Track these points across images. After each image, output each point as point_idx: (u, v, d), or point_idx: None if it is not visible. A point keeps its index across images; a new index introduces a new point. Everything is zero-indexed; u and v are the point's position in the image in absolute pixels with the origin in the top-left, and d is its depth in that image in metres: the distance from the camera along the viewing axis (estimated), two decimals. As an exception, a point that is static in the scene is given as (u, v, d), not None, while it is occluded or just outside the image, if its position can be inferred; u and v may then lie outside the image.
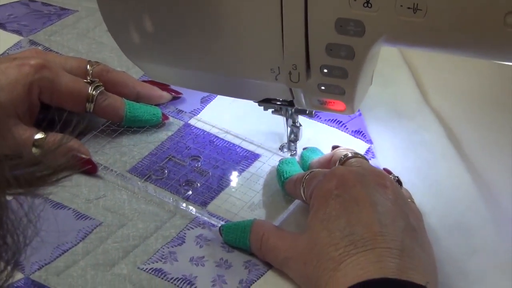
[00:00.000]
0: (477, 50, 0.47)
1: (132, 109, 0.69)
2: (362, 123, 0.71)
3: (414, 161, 0.68)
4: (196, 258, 0.59)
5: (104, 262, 0.58)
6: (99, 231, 0.61)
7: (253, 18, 0.50)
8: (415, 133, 0.70)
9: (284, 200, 0.63)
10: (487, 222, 0.61)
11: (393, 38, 0.48)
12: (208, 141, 0.69)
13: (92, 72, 0.69)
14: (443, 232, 0.61)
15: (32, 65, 0.65)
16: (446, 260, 0.58)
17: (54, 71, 0.66)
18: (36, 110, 0.66)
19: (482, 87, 0.75)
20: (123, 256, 0.59)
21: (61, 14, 0.86)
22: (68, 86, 0.66)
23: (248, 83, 0.57)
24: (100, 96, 0.68)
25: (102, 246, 0.60)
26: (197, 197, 0.64)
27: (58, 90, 0.66)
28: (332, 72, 0.52)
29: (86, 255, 0.59)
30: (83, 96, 0.67)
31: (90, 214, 0.62)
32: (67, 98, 0.67)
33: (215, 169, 0.66)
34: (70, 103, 0.67)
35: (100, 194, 0.64)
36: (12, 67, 0.64)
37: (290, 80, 0.52)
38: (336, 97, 0.55)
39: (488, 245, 0.60)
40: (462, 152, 0.68)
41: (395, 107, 0.73)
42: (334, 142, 0.69)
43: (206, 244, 0.60)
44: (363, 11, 0.46)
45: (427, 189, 0.65)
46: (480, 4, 0.43)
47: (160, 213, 0.62)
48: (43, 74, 0.65)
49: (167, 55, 0.58)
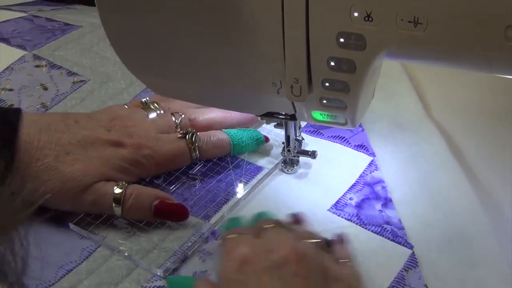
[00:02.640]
0: (478, 64, 0.47)
1: (236, 137, 0.69)
2: (364, 138, 0.71)
3: (416, 173, 0.68)
4: (200, 272, 0.59)
5: (108, 281, 0.58)
6: (102, 249, 0.61)
7: (255, 32, 0.50)
8: (417, 145, 0.70)
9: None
10: (488, 233, 0.61)
11: (394, 51, 0.48)
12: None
13: (180, 124, 0.68)
14: (444, 242, 0.61)
15: (130, 145, 0.63)
16: (447, 270, 0.58)
17: (151, 145, 0.65)
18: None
19: (483, 99, 0.76)
20: (127, 274, 0.59)
21: (65, 30, 0.86)
22: (170, 152, 0.66)
23: (251, 97, 0.57)
24: (200, 143, 0.67)
25: (105, 265, 0.59)
26: (199, 211, 0.64)
27: (162, 160, 0.65)
28: (334, 86, 0.51)
29: (90, 275, 0.58)
30: (186, 153, 0.66)
31: (93, 232, 0.62)
32: (172, 163, 0.66)
33: (219, 182, 0.67)
34: (177, 164, 0.67)
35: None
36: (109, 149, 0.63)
37: (292, 94, 0.52)
38: (338, 111, 0.55)
39: (489, 255, 0.60)
40: (463, 164, 0.68)
41: (397, 120, 0.73)
42: (338, 157, 0.69)
43: (209, 258, 0.60)
44: (364, 25, 0.46)
45: (429, 200, 0.65)
46: (481, 17, 0.43)
47: (161, 227, 0.62)
48: (143, 152, 0.64)
49: (169, 69, 0.57)
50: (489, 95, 0.76)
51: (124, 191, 0.61)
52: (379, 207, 0.64)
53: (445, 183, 0.66)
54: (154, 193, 0.62)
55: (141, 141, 0.64)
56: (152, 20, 0.53)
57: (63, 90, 0.77)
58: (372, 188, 0.66)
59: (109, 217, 0.63)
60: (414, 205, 0.65)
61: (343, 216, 0.63)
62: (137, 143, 0.64)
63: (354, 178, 0.67)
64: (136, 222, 0.63)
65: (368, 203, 0.65)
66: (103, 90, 0.77)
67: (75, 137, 0.61)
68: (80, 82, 0.78)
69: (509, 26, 0.42)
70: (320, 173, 0.68)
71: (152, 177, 0.66)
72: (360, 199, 0.65)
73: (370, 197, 0.66)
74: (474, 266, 0.59)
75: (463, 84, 0.76)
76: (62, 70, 0.80)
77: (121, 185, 0.61)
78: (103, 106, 0.74)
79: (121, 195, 0.61)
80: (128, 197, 0.61)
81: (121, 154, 0.63)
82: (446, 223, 0.63)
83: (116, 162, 0.62)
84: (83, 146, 0.61)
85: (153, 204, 0.61)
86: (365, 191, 0.66)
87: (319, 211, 0.64)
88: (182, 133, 0.66)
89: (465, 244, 0.61)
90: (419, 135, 0.71)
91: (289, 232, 0.53)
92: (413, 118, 0.73)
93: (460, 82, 0.77)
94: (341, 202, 0.65)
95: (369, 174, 0.68)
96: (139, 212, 0.62)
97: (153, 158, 0.64)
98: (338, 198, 0.65)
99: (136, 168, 0.64)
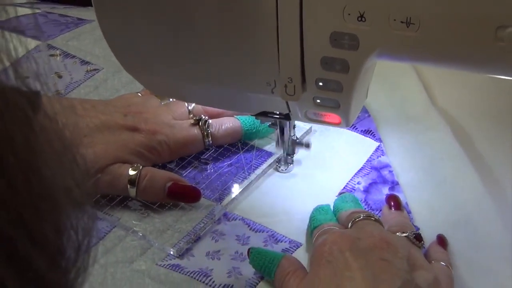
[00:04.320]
0: (469, 64, 0.47)
1: (248, 123, 0.70)
2: (371, 124, 0.72)
3: (422, 160, 0.69)
4: (212, 252, 0.60)
5: (123, 259, 0.60)
6: (117, 230, 0.62)
7: (249, 32, 0.50)
8: (422, 134, 0.72)
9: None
10: (492, 218, 0.63)
11: (387, 51, 0.48)
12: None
13: (193, 110, 0.69)
14: (449, 227, 0.62)
15: (145, 130, 0.65)
16: (452, 253, 0.60)
17: (165, 131, 0.66)
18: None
19: (489, 87, 0.77)
20: (141, 253, 0.60)
21: (78, 23, 0.88)
22: (184, 139, 0.67)
23: (245, 96, 0.57)
24: (213, 129, 0.68)
25: (120, 244, 0.61)
26: (211, 194, 0.66)
27: (175, 146, 0.67)
28: (327, 85, 0.51)
29: (105, 254, 0.60)
30: (199, 140, 0.68)
31: (108, 213, 0.64)
32: (185, 149, 0.68)
33: (230, 166, 0.68)
34: (190, 151, 0.69)
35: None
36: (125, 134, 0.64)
37: (286, 93, 0.52)
38: (332, 110, 0.55)
39: (494, 239, 0.61)
40: (468, 151, 0.69)
41: (403, 109, 0.75)
42: (345, 142, 0.71)
43: (222, 238, 0.62)
44: (357, 25, 0.46)
45: (435, 187, 0.67)
46: (472, 18, 0.43)
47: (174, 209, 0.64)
48: (158, 138, 0.66)
49: (164, 69, 0.57)
50: (495, 81, 0.77)
51: (138, 173, 0.62)
52: (386, 191, 0.66)
53: (450, 170, 0.68)
54: (167, 175, 0.64)
55: (156, 127, 0.66)
56: (150, 20, 0.53)
57: (77, 78, 0.79)
58: (379, 172, 0.68)
59: (123, 199, 0.64)
60: (420, 190, 0.66)
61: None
62: (152, 129, 0.65)
63: (361, 162, 0.69)
64: (150, 204, 0.64)
65: (375, 187, 0.67)
66: (116, 78, 0.79)
67: (92, 121, 0.63)
68: (93, 70, 0.80)
69: (500, 27, 0.42)
70: (328, 158, 0.70)
71: (165, 162, 0.68)
72: (368, 183, 0.67)
73: (377, 181, 0.67)
74: (479, 250, 0.60)
75: (468, 73, 0.77)
76: (76, 59, 0.82)
77: (135, 167, 0.63)
78: (116, 94, 0.75)
79: (135, 176, 0.62)
80: (142, 179, 0.62)
81: (136, 139, 0.64)
82: (451, 209, 0.64)
83: (131, 146, 0.64)
84: (100, 129, 0.63)
85: (167, 186, 0.63)
86: (372, 175, 0.68)
87: (328, 197, 0.65)
88: (195, 120, 0.68)
89: (470, 229, 0.62)
90: (425, 124, 0.73)
91: (378, 223, 0.57)
92: (418, 108, 0.75)
93: (465, 72, 0.78)
94: (349, 187, 0.67)
95: (376, 158, 0.69)
96: (153, 193, 0.63)
97: (167, 144, 0.66)
98: (346, 182, 0.67)
99: (151, 153, 0.65)
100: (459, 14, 0.43)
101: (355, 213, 0.59)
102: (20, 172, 0.25)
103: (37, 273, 0.25)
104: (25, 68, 0.27)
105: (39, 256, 0.25)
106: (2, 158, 0.24)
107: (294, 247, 0.61)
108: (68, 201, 0.27)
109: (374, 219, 0.58)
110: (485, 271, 0.59)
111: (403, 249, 0.53)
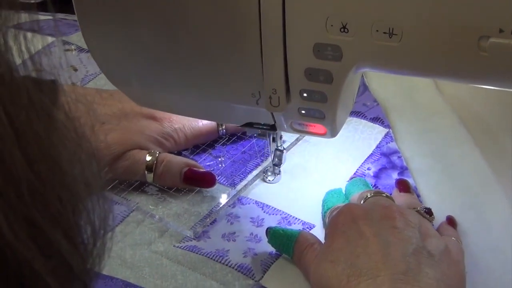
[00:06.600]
0: (452, 74, 0.47)
1: None
2: (379, 111, 0.74)
3: (429, 146, 0.71)
4: (228, 234, 0.62)
5: (141, 242, 0.62)
6: (135, 214, 0.64)
7: (233, 44, 0.50)
8: (430, 121, 0.74)
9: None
10: (499, 199, 0.65)
11: (370, 62, 0.48)
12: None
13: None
14: (457, 210, 0.64)
15: (162, 118, 0.67)
16: (461, 233, 0.61)
17: (182, 120, 0.68)
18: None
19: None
20: (159, 236, 0.62)
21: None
22: (199, 128, 0.69)
23: (231, 107, 0.57)
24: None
25: (139, 228, 0.63)
26: (225, 180, 0.68)
27: (191, 135, 0.69)
28: (312, 96, 0.51)
29: (125, 237, 0.62)
30: (214, 129, 0.70)
31: (126, 198, 0.66)
32: (200, 137, 0.70)
33: (243, 154, 0.70)
34: (204, 139, 0.71)
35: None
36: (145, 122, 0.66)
37: (271, 105, 0.51)
38: (317, 121, 0.54)
39: (501, 220, 0.63)
40: (475, 136, 0.71)
41: (410, 97, 0.77)
42: (355, 129, 0.73)
43: (237, 221, 0.63)
44: (340, 36, 0.46)
45: (443, 172, 0.68)
46: (454, 28, 0.43)
47: (190, 193, 0.66)
48: (175, 126, 0.68)
49: (149, 81, 0.57)
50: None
51: (155, 159, 0.64)
52: (395, 176, 0.68)
53: (458, 155, 0.70)
54: (183, 161, 0.66)
55: (172, 116, 0.68)
56: (133, 32, 0.53)
57: (92, 71, 0.81)
58: (388, 158, 0.70)
59: (140, 184, 0.66)
60: (428, 175, 0.68)
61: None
62: (169, 117, 0.68)
63: (371, 149, 0.71)
64: (166, 189, 0.66)
65: (385, 172, 0.69)
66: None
67: (110, 109, 0.65)
68: (108, 64, 0.82)
69: (482, 37, 0.42)
70: (338, 145, 0.72)
71: (180, 150, 0.70)
72: (378, 168, 0.69)
73: (387, 167, 0.69)
74: (487, 230, 0.62)
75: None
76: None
77: (152, 153, 0.65)
78: (131, 86, 0.77)
79: (152, 162, 0.64)
80: (159, 164, 0.64)
81: (154, 127, 0.66)
82: (459, 192, 0.66)
83: (149, 133, 0.66)
84: (118, 117, 0.65)
85: (183, 171, 0.65)
86: (382, 161, 0.70)
87: (340, 182, 0.67)
88: None
89: (477, 211, 0.64)
90: (432, 111, 0.75)
91: (389, 199, 0.60)
92: (426, 95, 0.77)
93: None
94: (360, 172, 0.69)
95: (385, 145, 0.71)
96: (170, 178, 0.65)
97: (183, 133, 0.68)
98: (356, 168, 0.69)
99: (167, 141, 0.67)
100: (441, 25, 0.43)
101: (366, 192, 0.61)
102: (44, 163, 0.27)
103: (61, 255, 0.27)
104: (43, 61, 0.29)
105: (62, 239, 0.27)
106: (29, 152, 0.26)
107: (307, 229, 0.63)
108: (86, 188, 0.29)
109: (385, 195, 0.60)
110: (493, 249, 0.61)
111: (415, 219, 0.55)
